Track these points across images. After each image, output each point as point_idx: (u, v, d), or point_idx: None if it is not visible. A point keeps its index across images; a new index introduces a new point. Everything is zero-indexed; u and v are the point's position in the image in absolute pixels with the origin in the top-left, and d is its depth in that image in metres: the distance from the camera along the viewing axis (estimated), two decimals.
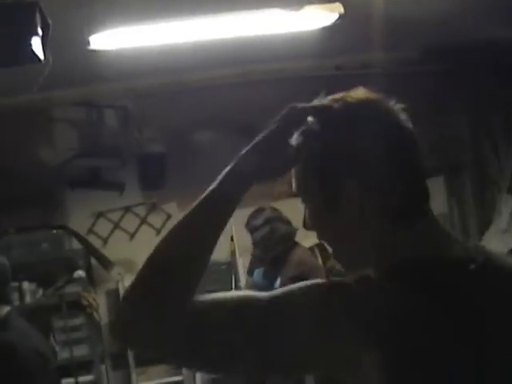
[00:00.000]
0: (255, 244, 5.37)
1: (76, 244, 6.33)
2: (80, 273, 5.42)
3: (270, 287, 4.96)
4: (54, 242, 6.25)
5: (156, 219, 6.60)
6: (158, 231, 6.55)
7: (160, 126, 6.60)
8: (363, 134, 1.36)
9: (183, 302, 1.33)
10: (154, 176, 6.56)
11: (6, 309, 2.93)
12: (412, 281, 1.29)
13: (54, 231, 6.29)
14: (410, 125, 1.41)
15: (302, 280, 1.38)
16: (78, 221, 6.44)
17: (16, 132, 6.29)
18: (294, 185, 1.46)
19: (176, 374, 6.39)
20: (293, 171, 1.44)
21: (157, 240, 4.88)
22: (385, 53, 5.88)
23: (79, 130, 6.56)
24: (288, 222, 5.26)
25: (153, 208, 6.61)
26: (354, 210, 1.36)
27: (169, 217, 6.55)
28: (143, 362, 6.37)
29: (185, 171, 6.41)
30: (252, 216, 5.34)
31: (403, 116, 1.41)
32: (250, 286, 5.46)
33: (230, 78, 6.35)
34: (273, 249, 5.20)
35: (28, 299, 5.96)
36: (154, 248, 1.43)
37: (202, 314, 1.34)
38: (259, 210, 5.35)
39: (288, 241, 5.23)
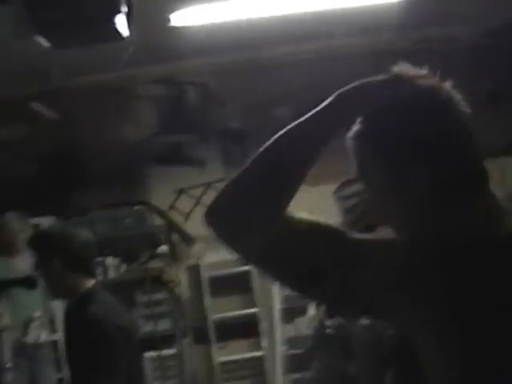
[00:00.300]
0: (348, 210, 5.24)
1: (158, 220, 6.42)
2: (163, 248, 5.46)
3: None
4: (136, 217, 6.35)
5: None
6: None
7: (240, 102, 6.59)
8: (428, 119, 1.37)
9: (279, 210, 1.35)
10: (235, 152, 6.57)
11: (92, 282, 2.98)
12: (470, 256, 1.32)
13: (137, 207, 6.39)
14: (467, 109, 1.42)
15: None
16: (160, 197, 6.53)
17: (99, 109, 6.40)
18: (355, 169, 1.45)
19: (257, 350, 6.44)
20: (354, 155, 1.44)
21: None
22: (467, 26, 5.73)
23: (161, 106, 6.62)
24: None
25: None
26: (417, 192, 1.37)
27: None
28: (224, 337, 6.46)
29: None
30: (342, 185, 5.23)
31: (462, 101, 1.42)
32: None
33: (309, 54, 6.29)
34: (365, 217, 5.10)
35: (111, 274, 6.09)
36: (262, 149, 1.41)
37: (298, 228, 1.36)
38: (348, 182, 5.26)
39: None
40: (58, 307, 5.97)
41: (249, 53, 6.21)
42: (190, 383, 6.23)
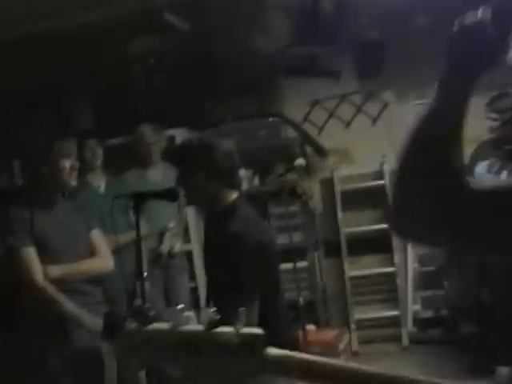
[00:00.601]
0: (504, 123, 4.95)
1: (291, 132, 6.37)
2: (300, 161, 5.38)
3: None
4: (270, 129, 6.31)
5: (372, 108, 6.45)
6: (374, 120, 6.41)
7: (377, 12, 6.32)
8: None
9: (459, 179, 1.26)
10: (371, 63, 6.36)
11: (235, 195, 2.95)
12: None
13: (271, 119, 6.34)
14: None
15: None
16: (294, 109, 6.46)
17: (232, 20, 6.32)
18: None
19: (388, 266, 6.38)
20: None
21: (373, 129, 4.79)
22: None
23: (294, 16, 6.45)
24: None
25: (369, 96, 6.45)
26: None
27: (385, 105, 6.38)
28: (356, 252, 6.42)
29: (402, 58, 6.16)
30: (497, 98, 4.96)
31: None
32: None
33: None
34: None
35: (244, 186, 6.11)
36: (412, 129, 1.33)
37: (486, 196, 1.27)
38: (504, 95, 4.98)
39: None
40: (192, 218, 6.11)
41: None
42: (320, 296, 6.26)
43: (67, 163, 3.59)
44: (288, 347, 1.18)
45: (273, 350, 1.16)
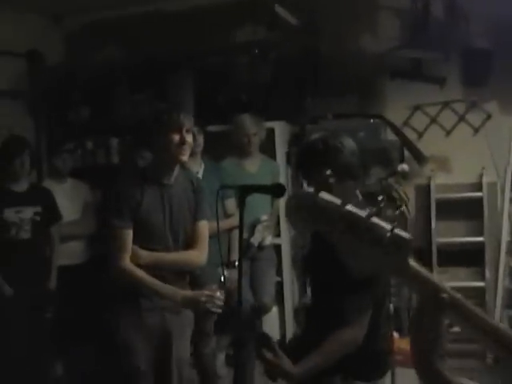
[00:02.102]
0: None
1: (391, 135, 6.28)
2: (404, 166, 5.29)
3: None
4: (370, 131, 6.23)
5: (475, 118, 6.29)
6: (476, 130, 6.26)
7: (489, 19, 6.18)
8: None
9: None
10: (478, 72, 6.20)
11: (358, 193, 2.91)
12: None
13: (371, 120, 6.27)
14: None
15: None
16: (395, 112, 6.37)
17: (342, 18, 6.29)
18: None
19: (478, 280, 6.22)
20: None
21: (474, 140, 4.66)
22: None
23: (403, 19, 6.37)
24: None
25: (472, 106, 6.30)
26: None
27: (489, 117, 6.22)
28: (446, 262, 6.29)
29: (510, 69, 5.99)
30: None
31: None
32: None
33: None
34: None
35: None
36: None
37: None
38: None
39: None
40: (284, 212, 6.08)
41: None
42: (406, 304, 6.14)
43: (176, 136, 3.53)
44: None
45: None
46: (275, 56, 6.29)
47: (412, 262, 1.36)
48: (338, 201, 1.34)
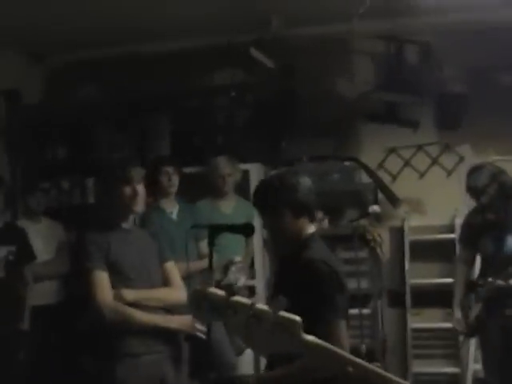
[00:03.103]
0: (485, 207, 4.77)
1: (365, 178, 6.34)
2: (375, 208, 5.34)
3: (499, 253, 4.52)
4: (344, 173, 6.29)
5: (448, 160, 6.38)
6: (449, 173, 6.34)
7: (462, 64, 6.29)
8: None
9: None
10: (451, 116, 6.30)
11: (313, 228, 2.97)
12: None
13: (346, 163, 6.33)
14: None
15: None
16: (370, 154, 6.44)
17: (317, 61, 6.38)
18: None
19: (450, 321, 6.24)
20: None
21: (447, 182, 4.75)
22: None
23: (378, 63, 6.47)
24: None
25: (446, 149, 6.39)
26: None
27: (461, 159, 6.31)
28: (420, 303, 6.31)
29: (483, 113, 6.09)
30: (472, 175, 4.77)
31: None
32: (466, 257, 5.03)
33: None
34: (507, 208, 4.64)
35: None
36: None
37: None
38: (477, 168, 4.83)
39: None
40: (258, 254, 6.11)
41: (473, 15, 5.92)
42: (380, 345, 6.15)
43: (128, 190, 3.60)
44: None
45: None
46: (252, 98, 6.36)
47: (308, 337, 1.38)
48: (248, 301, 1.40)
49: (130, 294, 3.56)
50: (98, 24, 6.03)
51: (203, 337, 3.56)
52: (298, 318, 1.34)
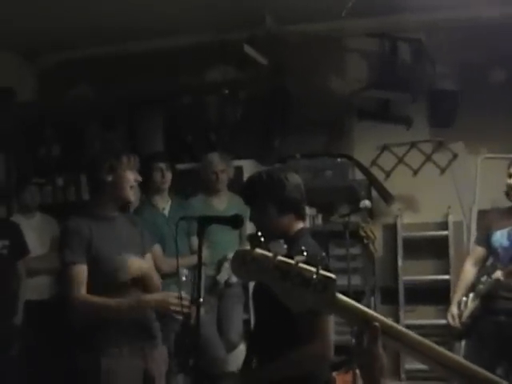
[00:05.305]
0: None
1: (359, 175, 6.36)
2: (366, 203, 5.33)
3: None
4: (337, 170, 6.32)
5: (441, 157, 6.40)
6: (443, 170, 6.36)
7: (454, 62, 6.31)
8: None
9: None
10: (444, 113, 6.31)
11: (301, 225, 2.99)
12: None
13: (339, 160, 6.35)
14: None
15: None
16: (363, 152, 6.46)
17: (309, 59, 6.40)
18: None
19: (444, 318, 6.24)
20: None
21: (440, 179, 4.77)
22: None
23: (371, 61, 6.49)
24: None
25: (439, 146, 6.41)
26: None
27: (455, 156, 6.33)
28: (413, 300, 6.31)
29: (476, 110, 6.11)
30: None
31: None
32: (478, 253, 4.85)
33: None
34: None
35: (307, 223, 6.09)
36: None
37: None
38: None
39: None
40: None
41: (466, 11, 5.95)
42: None
43: (131, 175, 3.57)
44: None
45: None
46: (244, 96, 6.38)
47: (340, 296, 1.48)
48: (269, 254, 1.47)
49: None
50: (90, 24, 6.05)
51: (178, 317, 3.51)
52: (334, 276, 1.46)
